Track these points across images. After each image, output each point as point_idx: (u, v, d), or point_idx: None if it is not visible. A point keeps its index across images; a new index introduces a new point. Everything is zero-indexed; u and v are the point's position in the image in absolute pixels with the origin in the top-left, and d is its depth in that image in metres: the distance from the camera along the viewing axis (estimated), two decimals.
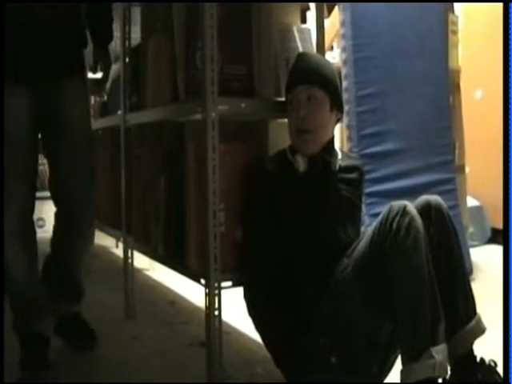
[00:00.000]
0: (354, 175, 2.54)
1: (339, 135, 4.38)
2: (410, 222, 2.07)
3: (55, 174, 2.96)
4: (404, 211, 2.08)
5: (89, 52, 3.05)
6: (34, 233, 2.91)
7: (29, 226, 2.87)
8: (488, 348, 2.36)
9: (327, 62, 2.61)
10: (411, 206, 2.11)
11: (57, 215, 3.06)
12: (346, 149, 4.12)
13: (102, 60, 3.11)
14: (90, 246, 3.21)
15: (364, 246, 2.20)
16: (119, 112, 3.61)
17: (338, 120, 2.54)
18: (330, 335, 2.23)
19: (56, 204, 3.01)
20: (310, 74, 2.46)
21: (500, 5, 3.03)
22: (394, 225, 2.07)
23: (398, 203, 2.12)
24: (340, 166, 2.48)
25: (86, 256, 3.21)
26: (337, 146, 2.57)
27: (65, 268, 3.14)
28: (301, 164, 2.41)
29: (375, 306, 2.16)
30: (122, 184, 3.57)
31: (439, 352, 1.99)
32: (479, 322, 2.31)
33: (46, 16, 2.71)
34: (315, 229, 2.38)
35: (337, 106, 2.47)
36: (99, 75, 3.21)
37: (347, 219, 2.40)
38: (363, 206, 3.49)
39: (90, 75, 3.24)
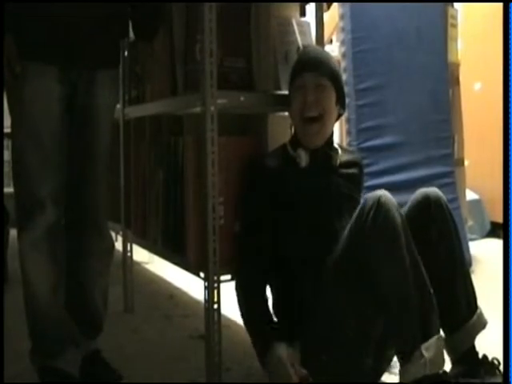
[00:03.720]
0: (354, 170, 2.54)
1: (338, 129, 4.38)
2: (386, 213, 2.06)
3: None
4: (378, 203, 2.07)
5: None
6: (62, 246, 2.57)
7: (56, 237, 2.51)
8: (488, 341, 2.37)
9: (329, 55, 2.61)
10: (386, 196, 2.10)
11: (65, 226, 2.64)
12: (344, 142, 4.12)
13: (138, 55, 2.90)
14: (110, 266, 2.80)
15: (344, 241, 2.20)
16: (118, 105, 3.60)
17: (339, 117, 2.54)
18: (320, 327, 2.23)
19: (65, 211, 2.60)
20: (320, 64, 2.45)
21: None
22: (370, 219, 2.07)
23: (372, 194, 2.11)
24: (340, 162, 2.48)
25: (106, 277, 2.79)
26: (335, 139, 2.57)
27: (79, 293, 2.71)
28: (303, 158, 2.40)
29: (361, 298, 2.16)
30: (121, 177, 3.56)
31: (430, 348, 1.99)
32: (480, 316, 2.32)
33: None
34: (314, 224, 2.37)
35: (341, 101, 2.47)
36: None
37: (346, 214, 2.38)
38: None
39: None
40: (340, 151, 2.50)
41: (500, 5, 3.02)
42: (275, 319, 2.44)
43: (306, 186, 2.40)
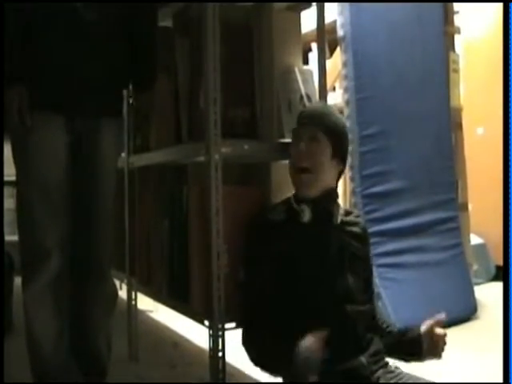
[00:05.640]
0: (357, 229, 2.52)
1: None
2: None
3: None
4: None
5: None
6: (67, 293, 2.57)
7: (61, 285, 2.52)
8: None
9: (338, 116, 2.60)
10: None
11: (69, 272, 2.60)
12: (348, 189, 4.13)
13: (144, 106, 2.89)
14: (113, 312, 2.79)
15: None
16: (123, 154, 3.62)
17: (341, 173, 2.53)
18: None
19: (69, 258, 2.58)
20: (316, 117, 2.47)
21: (500, 38, 3.05)
22: None
23: None
24: (344, 220, 2.47)
25: (110, 323, 2.78)
26: (340, 187, 2.57)
27: (82, 338, 2.69)
28: (306, 214, 2.40)
29: None
30: (126, 226, 3.57)
31: None
32: None
33: (95, 47, 2.51)
34: (315, 280, 2.36)
35: (339, 156, 2.46)
36: None
37: (349, 272, 2.38)
38: None
39: None
40: (343, 211, 2.51)
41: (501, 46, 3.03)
42: None
43: (308, 241, 2.39)
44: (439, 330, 2.27)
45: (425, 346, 2.29)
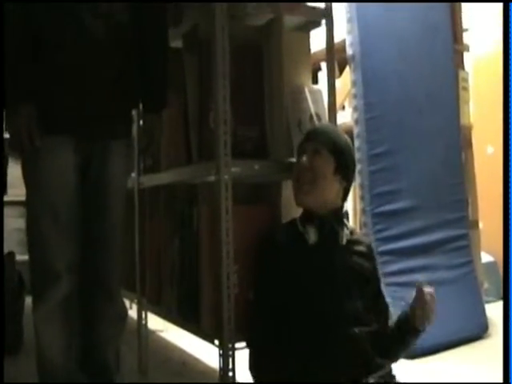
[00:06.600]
0: (363, 248, 2.52)
1: (352, 195, 4.38)
2: None
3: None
4: None
5: None
6: (76, 312, 2.57)
7: (71, 305, 2.51)
8: None
9: (343, 134, 2.61)
10: None
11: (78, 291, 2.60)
12: (358, 208, 4.12)
13: (154, 127, 2.78)
14: (123, 332, 2.79)
15: None
16: (133, 174, 3.63)
17: (347, 192, 2.53)
18: None
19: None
20: (321, 134, 2.49)
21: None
22: None
23: None
24: (350, 239, 2.47)
25: (118, 342, 2.77)
26: (350, 206, 2.57)
27: (91, 354, 2.68)
28: (311, 236, 2.40)
29: None
30: (136, 246, 3.57)
31: None
32: None
33: (104, 68, 2.50)
34: (322, 301, 2.36)
35: (342, 173, 2.46)
36: None
37: (355, 292, 2.38)
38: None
39: None
40: (350, 229, 2.51)
41: None
42: None
43: (314, 263, 2.39)
44: (426, 296, 2.28)
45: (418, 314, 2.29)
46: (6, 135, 2.69)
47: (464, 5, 5.40)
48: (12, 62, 2.36)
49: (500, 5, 5.39)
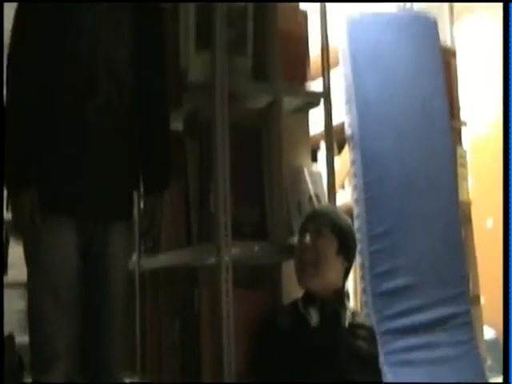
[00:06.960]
0: (364, 332, 2.51)
1: (352, 274, 4.37)
2: None
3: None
4: None
5: None
6: None
7: None
8: None
9: (343, 216, 2.63)
10: None
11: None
12: (359, 288, 4.11)
13: (155, 209, 2.75)
14: None
15: None
16: (133, 257, 3.63)
17: (347, 272, 2.54)
18: None
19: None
20: (321, 214, 2.51)
21: None
22: None
23: None
24: (352, 323, 2.47)
25: None
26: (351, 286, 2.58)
27: None
28: (313, 318, 2.40)
29: None
30: (137, 327, 3.55)
31: None
32: None
33: (106, 151, 2.52)
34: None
35: (345, 253, 2.48)
36: None
37: (356, 374, 2.36)
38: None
39: None
40: (351, 311, 2.50)
41: None
42: None
43: (316, 346, 2.38)
44: None
45: None
46: (6, 215, 2.69)
47: (461, 80, 5.44)
48: (14, 147, 2.40)
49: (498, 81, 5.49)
